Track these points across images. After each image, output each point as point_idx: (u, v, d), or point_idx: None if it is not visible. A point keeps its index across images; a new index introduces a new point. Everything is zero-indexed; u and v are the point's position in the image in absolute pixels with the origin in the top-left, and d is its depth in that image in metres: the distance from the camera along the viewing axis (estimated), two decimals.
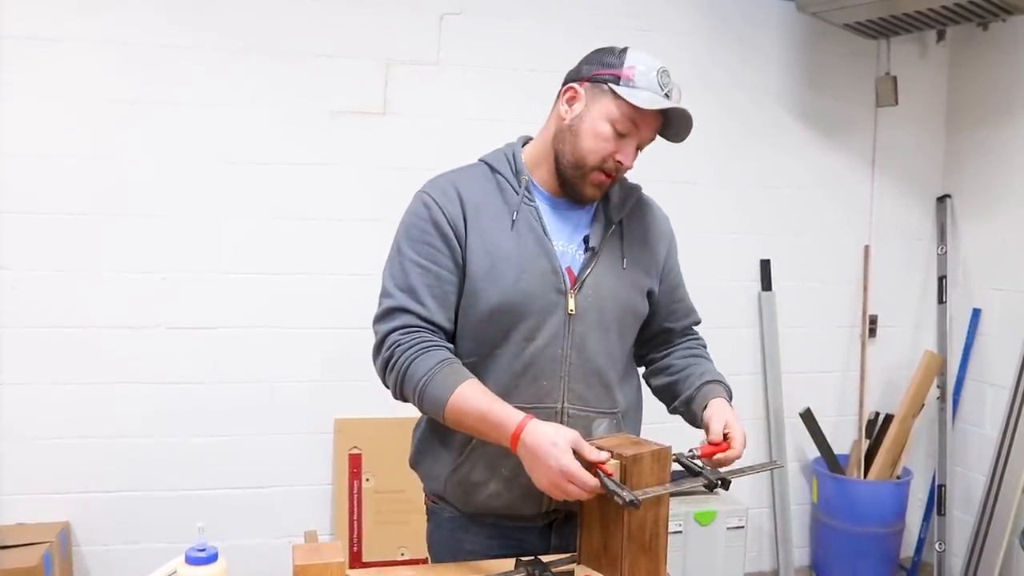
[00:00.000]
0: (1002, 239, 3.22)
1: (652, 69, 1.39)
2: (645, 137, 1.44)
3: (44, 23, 2.65)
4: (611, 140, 1.41)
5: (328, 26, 2.87)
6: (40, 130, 2.67)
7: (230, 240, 2.84)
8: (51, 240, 2.70)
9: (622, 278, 1.50)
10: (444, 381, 1.35)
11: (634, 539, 1.29)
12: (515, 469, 1.40)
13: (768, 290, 3.36)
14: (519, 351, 1.43)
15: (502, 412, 1.31)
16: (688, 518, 3.04)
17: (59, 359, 2.72)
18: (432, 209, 1.44)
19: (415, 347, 1.38)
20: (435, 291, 1.42)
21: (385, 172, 2.92)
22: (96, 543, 2.80)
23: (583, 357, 1.45)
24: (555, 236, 1.47)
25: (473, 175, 1.51)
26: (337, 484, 2.94)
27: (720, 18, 3.23)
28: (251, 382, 2.88)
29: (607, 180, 1.45)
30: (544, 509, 1.47)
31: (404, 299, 1.41)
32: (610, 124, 1.40)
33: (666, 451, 1.32)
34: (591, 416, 1.47)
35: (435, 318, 1.41)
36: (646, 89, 1.38)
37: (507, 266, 1.42)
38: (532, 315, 1.42)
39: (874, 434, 3.39)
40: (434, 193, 1.47)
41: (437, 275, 1.42)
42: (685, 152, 3.20)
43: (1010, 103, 3.18)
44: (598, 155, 1.42)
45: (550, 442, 1.25)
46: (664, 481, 1.31)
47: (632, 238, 1.54)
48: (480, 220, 1.44)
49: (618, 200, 1.53)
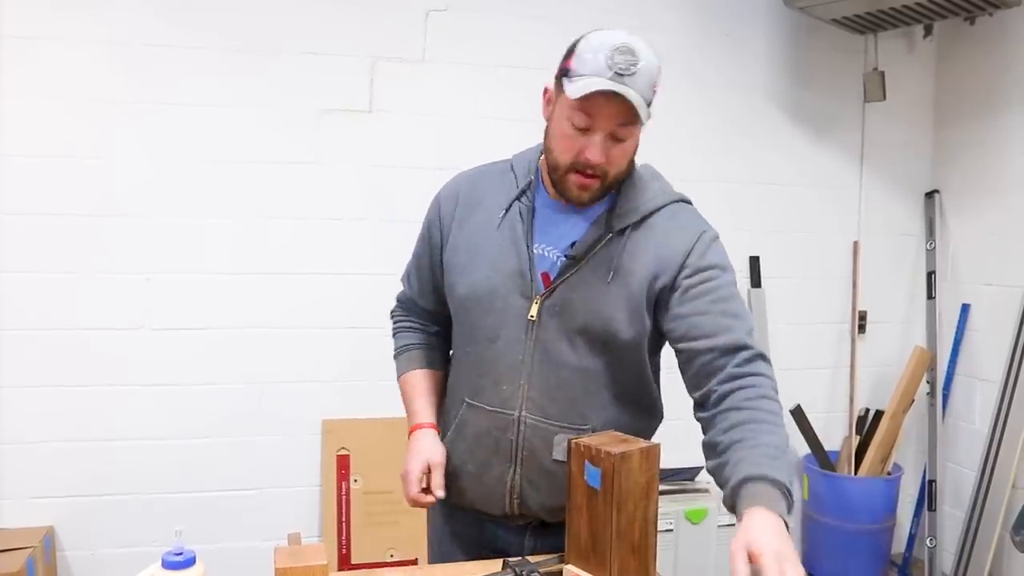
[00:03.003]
0: (991, 234, 3.22)
1: (603, 49, 1.26)
2: (605, 127, 1.30)
3: (26, 21, 2.61)
4: (574, 138, 1.32)
5: (314, 24, 2.84)
6: (22, 130, 2.64)
7: (216, 240, 2.81)
8: (33, 241, 2.67)
9: (603, 293, 1.37)
10: (400, 363, 1.65)
11: (623, 537, 1.27)
12: (480, 466, 1.45)
13: (757, 287, 3.35)
14: (483, 351, 1.45)
15: (411, 409, 1.59)
16: (679, 516, 3.02)
17: (42, 361, 2.69)
18: (433, 205, 1.57)
19: (398, 323, 1.70)
20: (420, 275, 1.61)
21: (372, 170, 2.89)
22: (81, 548, 2.76)
23: (545, 367, 1.40)
24: (542, 239, 1.42)
25: (492, 172, 1.54)
26: (325, 485, 2.91)
27: (708, 14, 3.22)
28: (238, 383, 2.85)
29: (589, 181, 1.34)
30: (507, 512, 1.47)
31: (404, 279, 1.68)
32: (568, 121, 1.32)
33: (655, 448, 1.30)
34: (551, 429, 1.41)
35: (417, 299, 1.64)
36: (590, 75, 1.26)
37: (480, 261, 1.44)
38: (492, 314, 1.42)
39: (864, 430, 3.39)
40: (443, 189, 1.57)
41: (419, 263, 1.61)
42: (672, 148, 3.22)
43: (997, 97, 3.17)
44: (566, 155, 1.34)
45: (417, 449, 1.50)
46: (654, 479, 1.30)
47: (636, 251, 1.39)
48: (471, 217, 1.47)
49: (626, 208, 1.40)
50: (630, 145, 1.37)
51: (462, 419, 1.49)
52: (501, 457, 1.44)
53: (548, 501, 1.46)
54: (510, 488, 1.45)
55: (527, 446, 1.42)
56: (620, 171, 1.38)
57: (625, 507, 1.26)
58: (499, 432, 1.43)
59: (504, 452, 1.44)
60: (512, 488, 1.45)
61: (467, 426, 1.48)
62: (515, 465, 1.44)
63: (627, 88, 1.27)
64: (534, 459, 1.43)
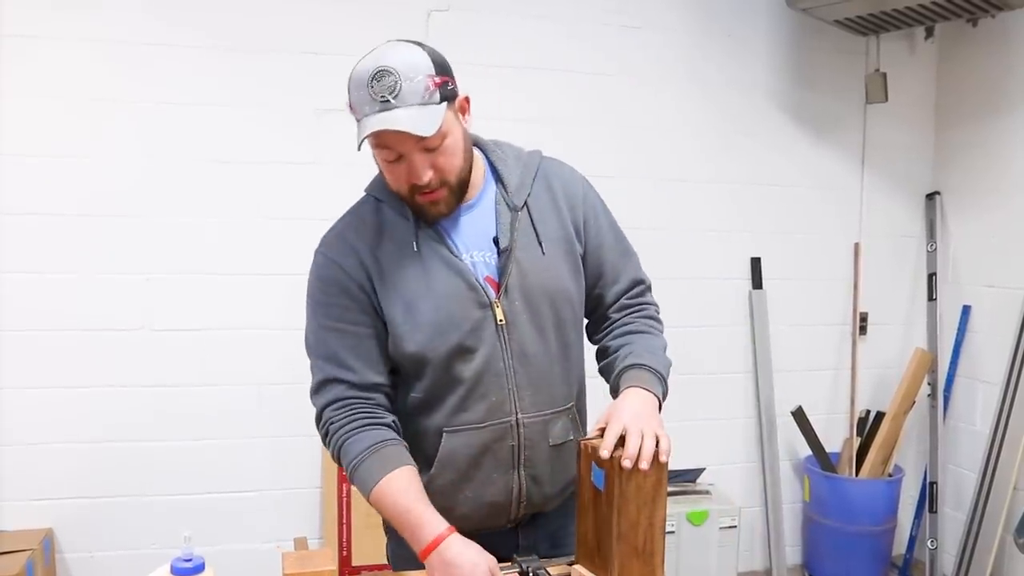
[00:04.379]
0: (992, 236, 3.22)
1: (363, 83, 1.23)
2: (410, 148, 1.27)
3: (25, 20, 2.60)
4: (394, 168, 1.31)
5: (314, 23, 2.83)
6: (21, 129, 2.62)
7: (216, 240, 2.80)
8: (31, 241, 2.65)
9: (546, 267, 1.40)
10: (371, 469, 1.32)
11: (625, 540, 1.26)
12: (479, 486, 1.41)
13: (759, 288, 3.35)
14: (461, 375, 1.37)
15: (417, 518, 1.29)
16: (681, 518, 3.02)
17: (40, 362, 2.68)
18: (330, 268, 1.38)
19: (347, 426, 1.35)
20: (358, 351, 1.37)
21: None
22: (80, 550, 2.75)
23: (526, 363, 1.40)
24: (464, 247, 1.39)
25: (363, 214, 1.43)
26: (326, 488, 2.90)
27: (710, 14, 3.21)
28: (238, 385, 2.84)
29: (435, 195, 1.32)
30: (512, 517, 1.45)
31: (331, 369, 1.37)
32: (379, 158, 1.32)
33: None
34: (546, 419, 1.43)
35: (366, 379, 1.37)
36: (364, 115, 1.24)
37: (422, 301, 1.35)
38: (463, 338, 1.36)
39: (865, 432, 3.38)
40: (328, 251, 1.40)
41: (355, 334, 1.37)
42: (674, 149, 3.22)
43: (999, 99, 3.17)
44: (400, 185, 1.33)
45: (472, 563, 1.25)
46: (661, 484, 1.27)
47: (543, 216, 1.43)
48: (383, 262, 1.37)
49: (517, 182, 1.42)
50: (449, 146, 1.31)
51: (445, 451, 1.40)
52: (502, 467, 1.42)
53: (551, 489, 1.46)
54: (517, 493, 1.44)
55: (528, 444, 1.42)
56: (460, 171, 1.35)
57: (627, 510, 1.24)
58: (497, 443, 1.40)
59: (504, 461, 1.42)
60: (519, 492, 1.44)
61: (455, 453, 1.40)
62: (518, 468, 1.43)
63: (396, 113, 1.23)
64: (535, 454, 1.43)
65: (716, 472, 3.31)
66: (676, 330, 3.19)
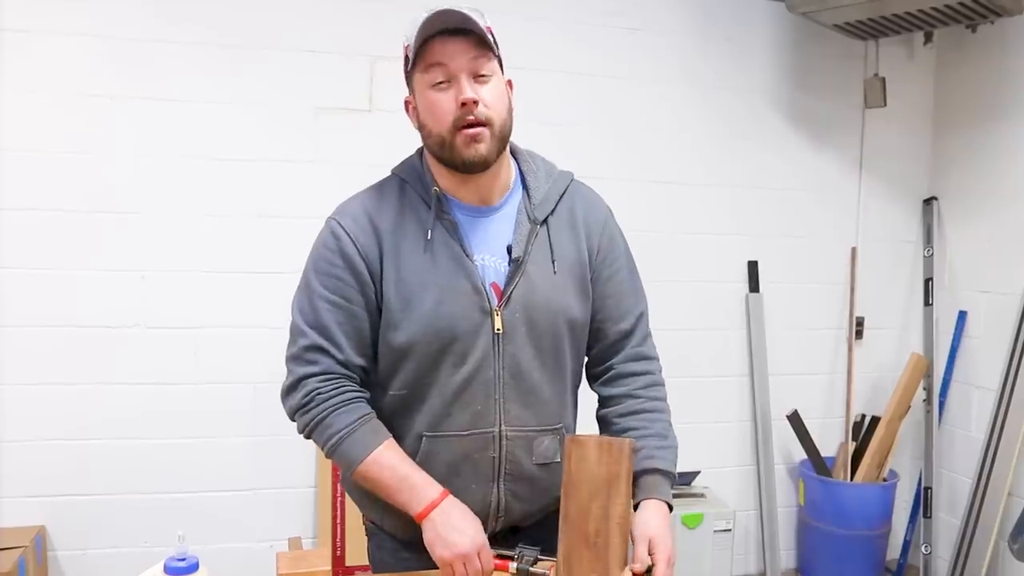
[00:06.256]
0: (988, 241, 3.22)
1: (421, 16, 1.29)
2: (460, 66, 1.30)
3: (21, 15, 2.59)
4: (441, 99, 1.31)
5: (313, 22, 2.82)
6: (15, 125, 2.61)
7: (212, 238, 2.79)
8: (26, 237, 2.64)
9: (554, 286, 1.39)
10: (364, 438, 1.33)
11: (573, 526, 1.23)
12: (456, 495, 1.36)
13: (756, 292, 3.35)
14: (449, 378, 1.35)
15: (413, 480, 1.32)
16: (675, 521, 3.02)
17: (34, 359, 2.66)
18: (342, 240, 1.35)
19: (335, 399, 1.34)
20: (347, 329, 1.35)
21: (371, 170, 2.79)
22: (73, 548, 2.73)
23: (517, 376, 1.38)
24: (477, 249, 1.37)
25: (386, 193, 1.41)
26: (320, 487, 2.89)
27: (709, 17, 3.21)
28: (233, 383, 2.83)
29: (476, 131, 1.30)
30: (488, 530, 1.40)
31: (318, 339, 1.35)
32: (428, 88, 1.32)
33: (622, 444, 1.24)
34: (531, 435, 1.41)
35: (351, 359, 1.36)
36: (419, 32, 1.30)
37: (425, 293, 1.33)
38: (458, 339, 1.34)
39: (860, 436, 3.39)
40: (344, 221, 1.37)
41: (349, 311, 1.35)
42: (672, 151, 3.22)
43: (997, 105, 3.18)
44: (445, 118, 1.31)
45: (461, 526, 1.30)
46: (618, 477, 1.22)
47: (560, 236, 1.42)
48: (397, 246, 1.35)
49: (542, 196, 1.42)
50: (497, 87, 1.35)
51: (424, 455, 1.38)
52: (481, 478, 1.40)
53: (531, 506, 1.45)
54: (495, 506, 1.42)
55: (510, 458, 1.40)
56: (503, 119, 1.35)
57: (576, 495, 1.22)
58: (478, 453, 1.39)
59: (484, 472, 1.40)
60: (497, 505, 1.42)
61: (434, 459, 1.38)
62: (497, 481, 1.40)
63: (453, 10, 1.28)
64: (516, 469, 1.41)
65: (711, 475, 3.31)
66: (673, 333, 3.23)
